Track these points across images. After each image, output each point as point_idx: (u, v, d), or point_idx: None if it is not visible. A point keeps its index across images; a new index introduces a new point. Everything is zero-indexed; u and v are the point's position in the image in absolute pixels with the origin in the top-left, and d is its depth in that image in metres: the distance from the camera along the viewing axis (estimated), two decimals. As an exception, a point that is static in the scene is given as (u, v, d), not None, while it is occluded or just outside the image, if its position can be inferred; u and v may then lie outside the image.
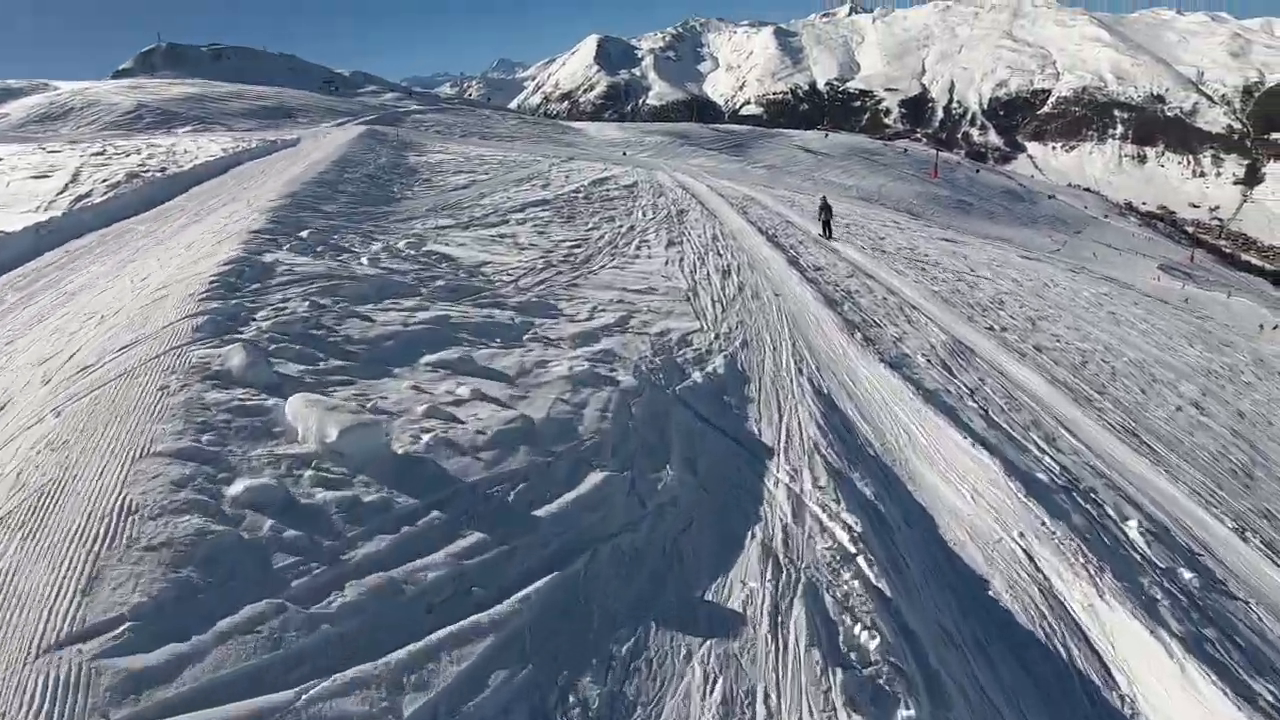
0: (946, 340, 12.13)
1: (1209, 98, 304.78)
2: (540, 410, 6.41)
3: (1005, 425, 9.09)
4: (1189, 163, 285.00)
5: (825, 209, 26.06)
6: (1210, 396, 14.14)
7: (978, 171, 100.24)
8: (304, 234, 10.92)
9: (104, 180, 20.99)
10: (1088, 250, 64.07)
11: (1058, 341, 14.20)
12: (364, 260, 10.35)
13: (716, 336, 10.39)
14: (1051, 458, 8.40)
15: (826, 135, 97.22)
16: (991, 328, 13.81)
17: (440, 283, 9.96)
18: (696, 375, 8.68)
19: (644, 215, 20.52)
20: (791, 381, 9.31)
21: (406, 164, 24.53)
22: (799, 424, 8.02)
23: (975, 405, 9.46)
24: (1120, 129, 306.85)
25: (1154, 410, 11.70)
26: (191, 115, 46.10)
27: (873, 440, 8.19)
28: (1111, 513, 7.42)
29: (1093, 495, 7.69)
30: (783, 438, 7.66)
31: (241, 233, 10.34)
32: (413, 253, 11.52)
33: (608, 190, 24.85)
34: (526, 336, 8.48)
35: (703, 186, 31.91)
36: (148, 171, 22.27)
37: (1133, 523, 7.18)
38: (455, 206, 17.79)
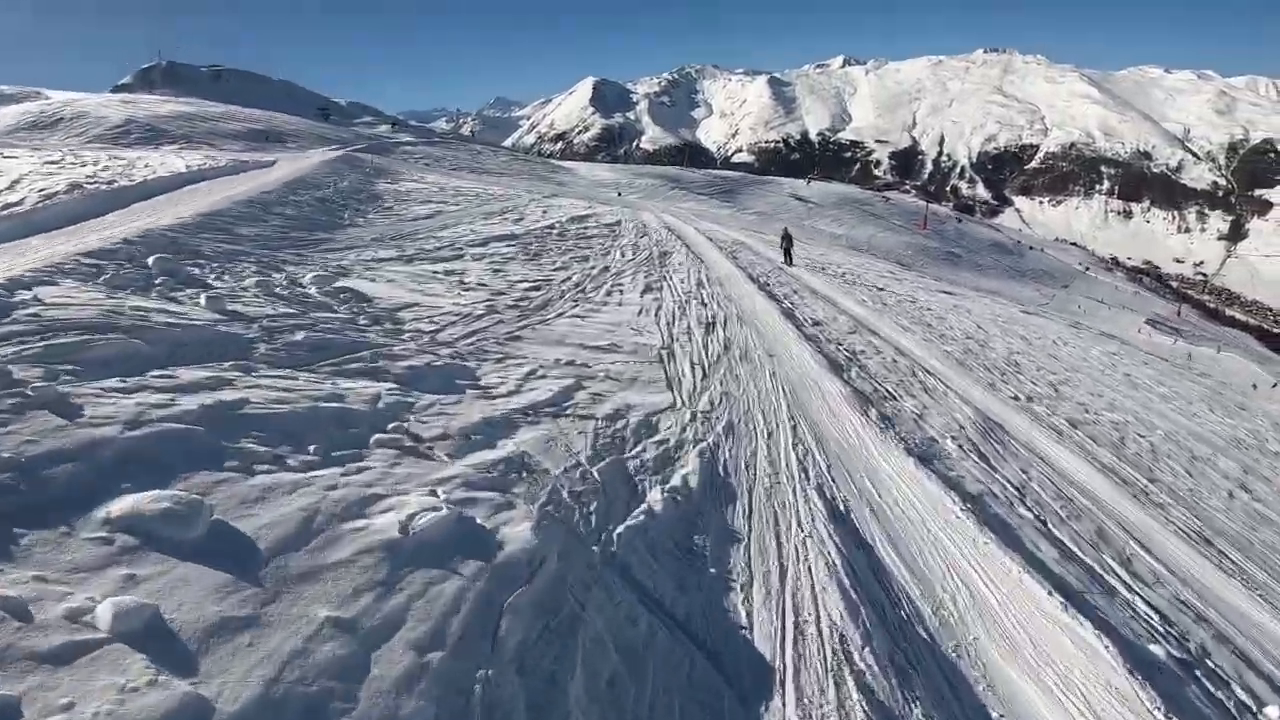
0: (974, 416, 9.91)
1: (1194, 154, 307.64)
2: (253, 683, 2.76)
3: (1073, 546, 6.65)
4: (1174, 218, 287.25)
5: (786, 238, 29.09)
6: (1252, 475, 12.28)
7: (960, 221, 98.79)
8: (172, 260, 8.65)
9: (41, 190, 19.04)
10: (1075, 304, 62.47)
11: (1087, 413, 12.20)
12: (203, 302, 7.41)
13: (693, 417, 7.70)
14: (1143, 598, 5.94)
15: (809, 182, 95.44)
16: (1016, 397, 11.64)
17: (300, 336, 7.09)
18: (654, 497, 5.70)
19: (622, 256, 18.71)
20: (796, 495, 6.41)
21: (371, 190, 22.37)
22: (813, 593, 4.98)
23: (1031, 516, 6.96)
24: (1107, 184, 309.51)
25: (1208, 499, 9.70)
26: (180, 134, 43.78)
27: (920, 605, 5.17)
28: (1243, 696, 5.05)
29: (1215, 670, 5.24)
30: (789, 634, 4.57)
31: (68, 256, 7.83)
32: (313, 290, 9.16)
33: (586, 228, 23.19)
34: (379, 437, 5.30)
35: (690, 229, 29.93)
36: (94, 184, 20.34)
37: (1272, 711, 4.95)
38: (407, 237, 15.68)
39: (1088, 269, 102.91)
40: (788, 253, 27.98)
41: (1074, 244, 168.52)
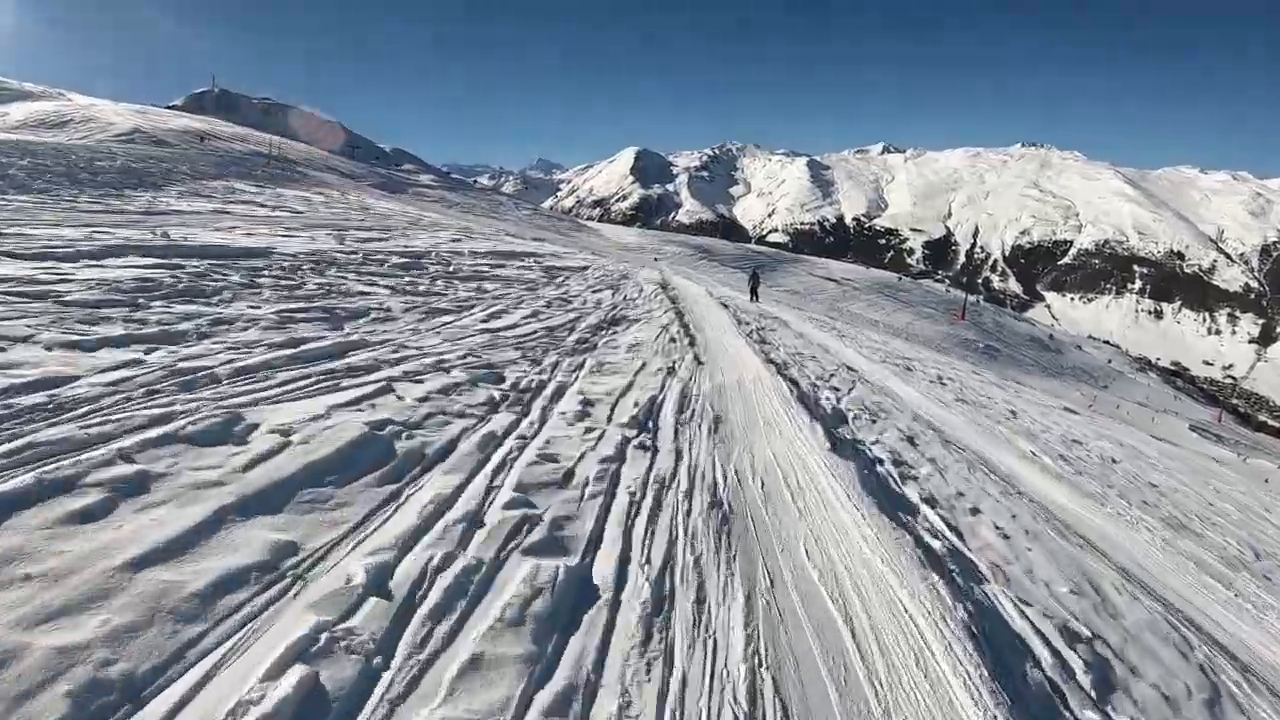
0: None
1: (1228, 256, 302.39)
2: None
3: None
4: (1205, 320, 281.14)
5: (754, 278, 33.27)
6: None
7: (973, 300, 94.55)
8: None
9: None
10: (1117, 406, 57.83)
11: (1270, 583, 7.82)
12: None
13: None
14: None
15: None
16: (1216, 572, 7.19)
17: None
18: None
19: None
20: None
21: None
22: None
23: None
24: (1139, 284, 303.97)
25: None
26: (183, 148, 40.96)
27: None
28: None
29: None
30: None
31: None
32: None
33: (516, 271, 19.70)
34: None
35: (712, 304, 24.07)
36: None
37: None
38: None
39: (1125, 371, 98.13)
40: (754, 291, 32.15)
41: (1106, 342, 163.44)
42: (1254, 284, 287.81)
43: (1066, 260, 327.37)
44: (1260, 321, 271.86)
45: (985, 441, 11.12)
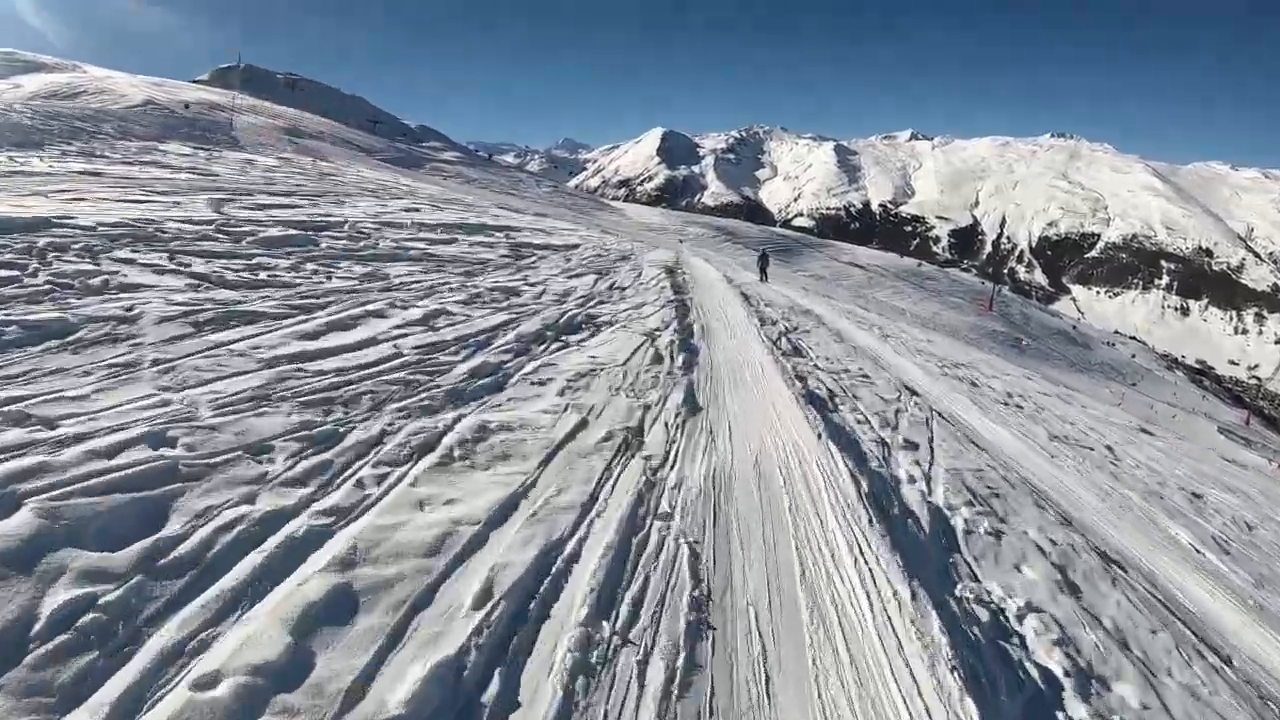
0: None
1: (1257, 255, 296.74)
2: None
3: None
4: (1231, 319, 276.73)
5: (764, 258, 34.51)
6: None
7: (1000, 291, 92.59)
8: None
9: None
10: (1147, 406, 55.86)
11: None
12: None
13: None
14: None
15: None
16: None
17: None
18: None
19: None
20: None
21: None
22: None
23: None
24: (1166, 279, 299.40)
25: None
26: (206, 124, 40.83)
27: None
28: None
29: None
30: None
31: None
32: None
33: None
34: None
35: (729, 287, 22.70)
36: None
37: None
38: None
39: (1154, 369, 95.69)
40: (764, 271, 32.68)
41: (1132, 338, 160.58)
42: None
43: (1093, 254, 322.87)
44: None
45: (1137, 536, 7.72)
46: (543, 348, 9.34)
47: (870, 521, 5.48)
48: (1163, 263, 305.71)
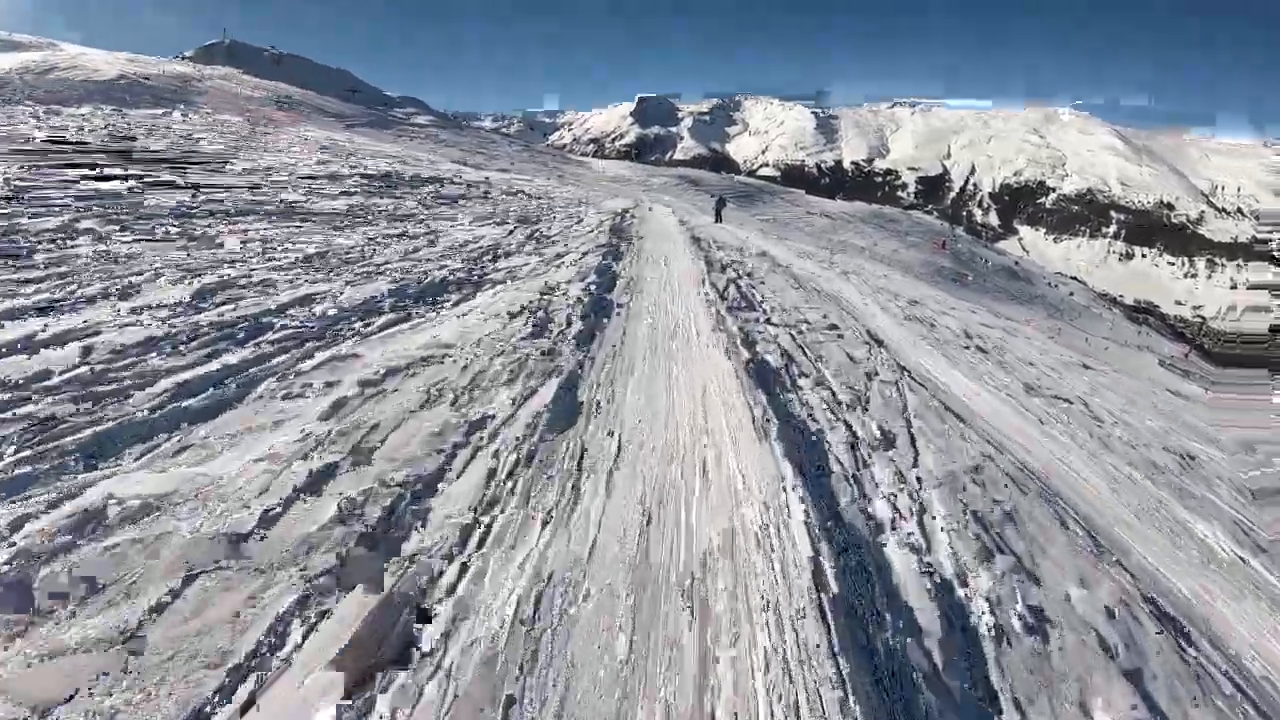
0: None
1: (1221, 210, 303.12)
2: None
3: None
4: (1183, 265, 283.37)
5: (720, 202, 35.97)
6: None
7: (954, 234, 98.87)
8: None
9: None
10: (1082, 340, 62.93)
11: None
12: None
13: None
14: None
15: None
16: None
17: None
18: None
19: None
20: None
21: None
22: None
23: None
24: (1114, 229, 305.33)
25: None
26: (165, 91, 43.52)
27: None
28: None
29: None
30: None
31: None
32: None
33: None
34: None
35: (675, 220, 25.78)
36: None
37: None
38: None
39: (1092, 306, 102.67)
40: (719, 214, 34.44)
41: (1073, 278, 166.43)
42: (1243, 239, 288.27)
43: (1046, 202, 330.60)
44: (1244, 266, 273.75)
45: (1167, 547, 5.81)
46: (364, 327, 7.39)
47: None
48: (1113, 214, 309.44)
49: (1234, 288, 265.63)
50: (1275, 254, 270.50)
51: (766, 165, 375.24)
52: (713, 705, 3.24)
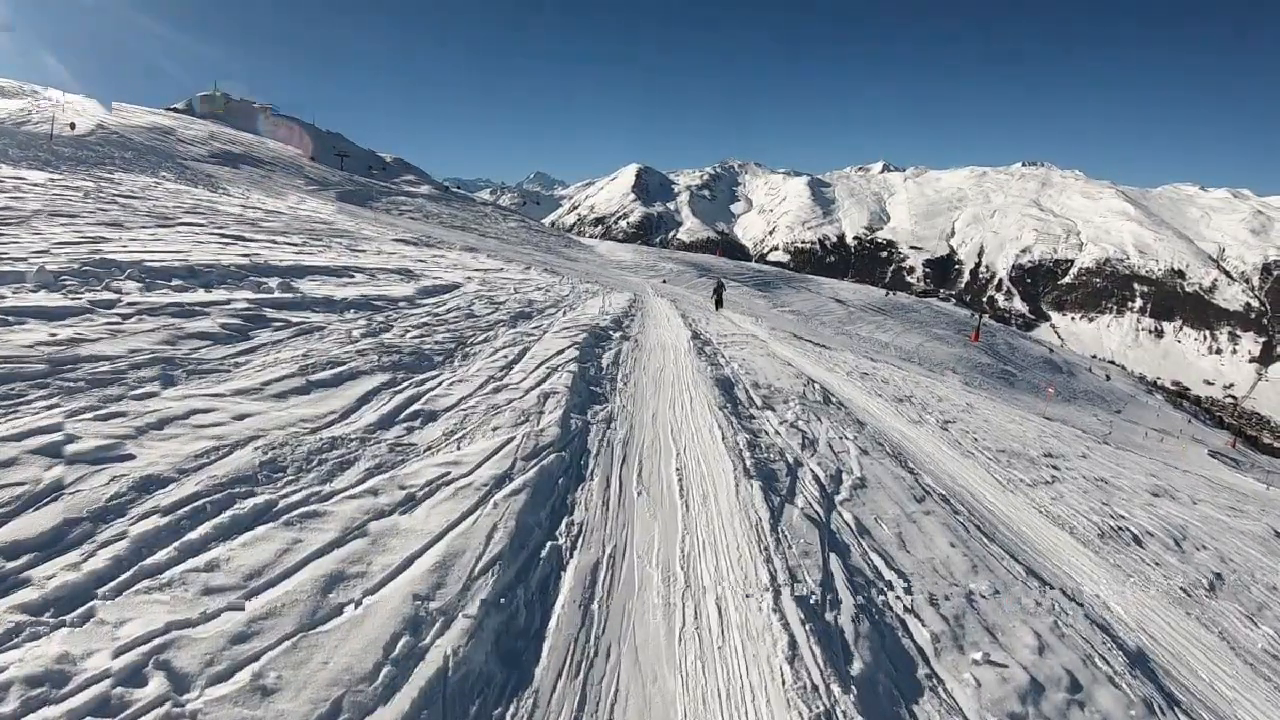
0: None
1: (1229, 274, 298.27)
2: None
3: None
4: (1205, 338, 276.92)
5: (719, 288, 35.82)
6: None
7: (983, 323, 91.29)
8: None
9: None
10: (1135, 432, 54.57)
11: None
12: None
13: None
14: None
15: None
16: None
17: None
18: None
19: None
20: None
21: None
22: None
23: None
24: (1139, 302, 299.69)
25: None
26: (143, 146, 41.60)
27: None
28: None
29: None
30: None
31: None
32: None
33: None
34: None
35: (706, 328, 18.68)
36: None
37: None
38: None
39: (1136, 394, 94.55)
40: (718, 301, 34.13)
41: (1111, 362, 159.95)
42: (1255, 303, 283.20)
43: (1068, 279, 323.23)
44: (1261, 340, 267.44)
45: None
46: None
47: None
48: (1136, 285, 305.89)
49: (1252, 360, 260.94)
50: (1265, 321, 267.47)
51: (776, 249, 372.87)
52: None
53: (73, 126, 40.52)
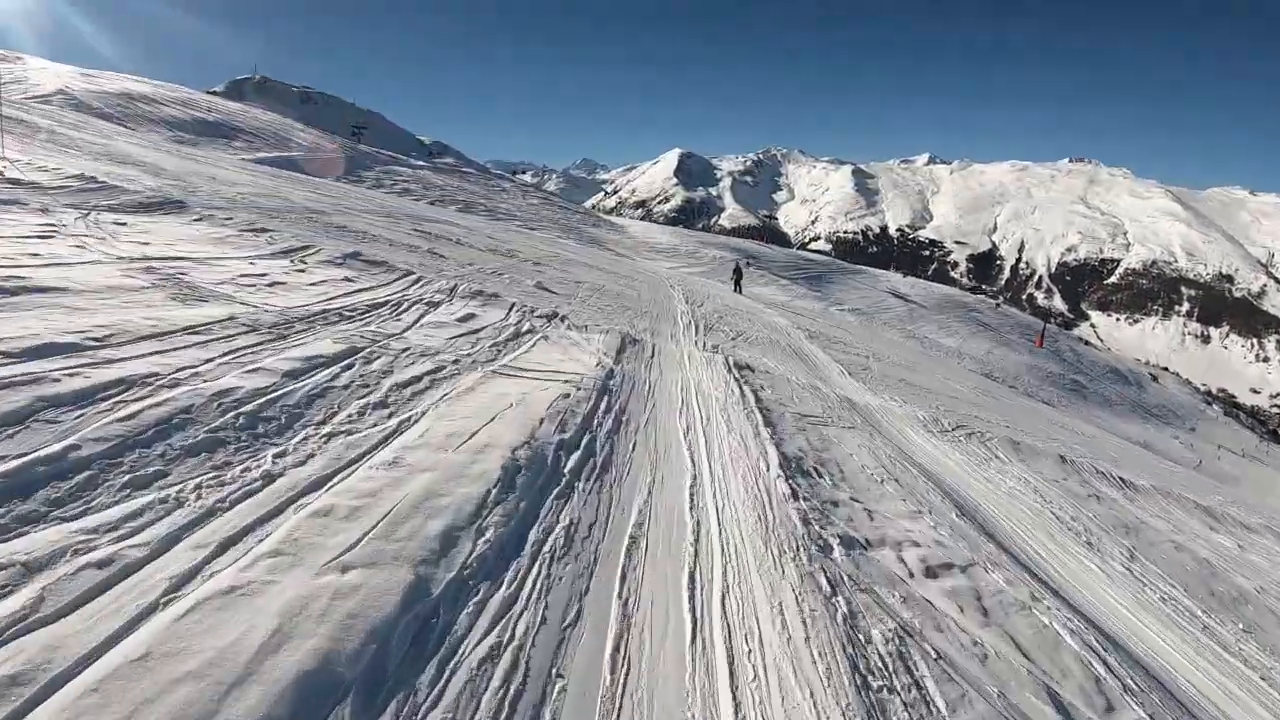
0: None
1: (1278, 280, 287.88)
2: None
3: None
4: (1252, 345, 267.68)
5: (738, 271, 37.57)
6: None
7: (1045, 328, 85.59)
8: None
9: None
10: (1218, 455, 49.04)
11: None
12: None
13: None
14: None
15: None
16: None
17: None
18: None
19: None
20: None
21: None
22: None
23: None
24: (1186, 305, 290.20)
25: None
26: (107, 111, 41.25)
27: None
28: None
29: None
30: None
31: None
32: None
33: None
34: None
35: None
36: None
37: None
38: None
39: (1203, 407, 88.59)
40: (738, 284, 35.41)
41: (1164, 369, 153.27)
42: None
43: (1113, 280, 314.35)
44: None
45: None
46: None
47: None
48: (1183, 289, 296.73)
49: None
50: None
51: (818, 238, 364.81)
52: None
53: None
